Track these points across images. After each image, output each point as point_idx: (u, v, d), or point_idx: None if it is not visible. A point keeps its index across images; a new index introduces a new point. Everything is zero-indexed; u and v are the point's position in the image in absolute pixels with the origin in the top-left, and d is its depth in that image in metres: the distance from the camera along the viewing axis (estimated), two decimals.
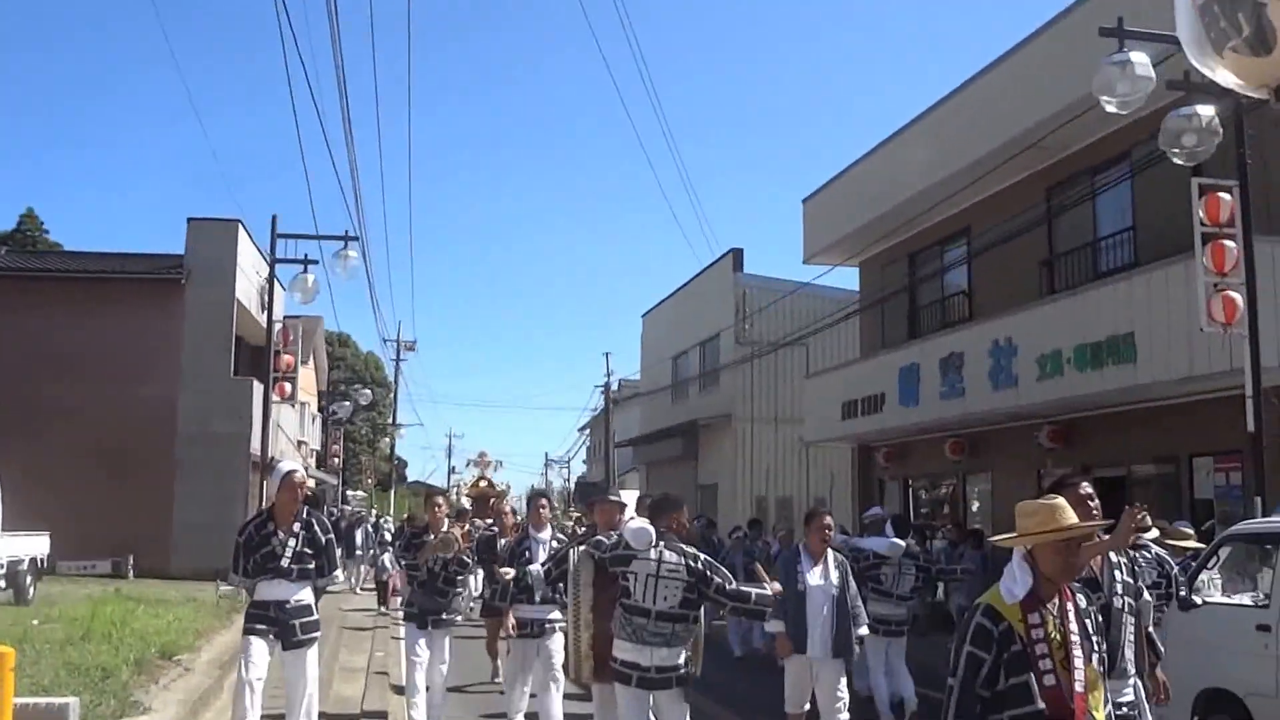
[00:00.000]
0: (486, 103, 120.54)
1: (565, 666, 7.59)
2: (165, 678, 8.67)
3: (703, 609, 5.74)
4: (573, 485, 55.07)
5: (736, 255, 27.52)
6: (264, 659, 6.42)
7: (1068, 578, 3.43)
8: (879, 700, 8.77)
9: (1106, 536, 4.98)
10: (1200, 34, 3.02)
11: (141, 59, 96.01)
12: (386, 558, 17.30)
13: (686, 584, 5.45)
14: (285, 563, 6.48)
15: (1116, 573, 4.92)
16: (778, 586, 6.03)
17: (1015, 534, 3.45)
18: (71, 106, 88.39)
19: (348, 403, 32.95)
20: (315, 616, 6.67)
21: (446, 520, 8.45)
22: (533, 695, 7.69)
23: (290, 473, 6.74)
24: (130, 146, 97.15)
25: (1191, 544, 7.98)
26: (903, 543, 9.30)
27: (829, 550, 7.31)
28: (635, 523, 5.69)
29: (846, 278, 22.09)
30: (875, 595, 8.77)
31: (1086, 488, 4.68)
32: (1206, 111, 9.14)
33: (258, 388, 21.17)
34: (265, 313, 18.99)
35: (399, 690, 9.49)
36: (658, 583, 5.42)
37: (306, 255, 15.91)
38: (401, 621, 8.93)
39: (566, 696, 8.65)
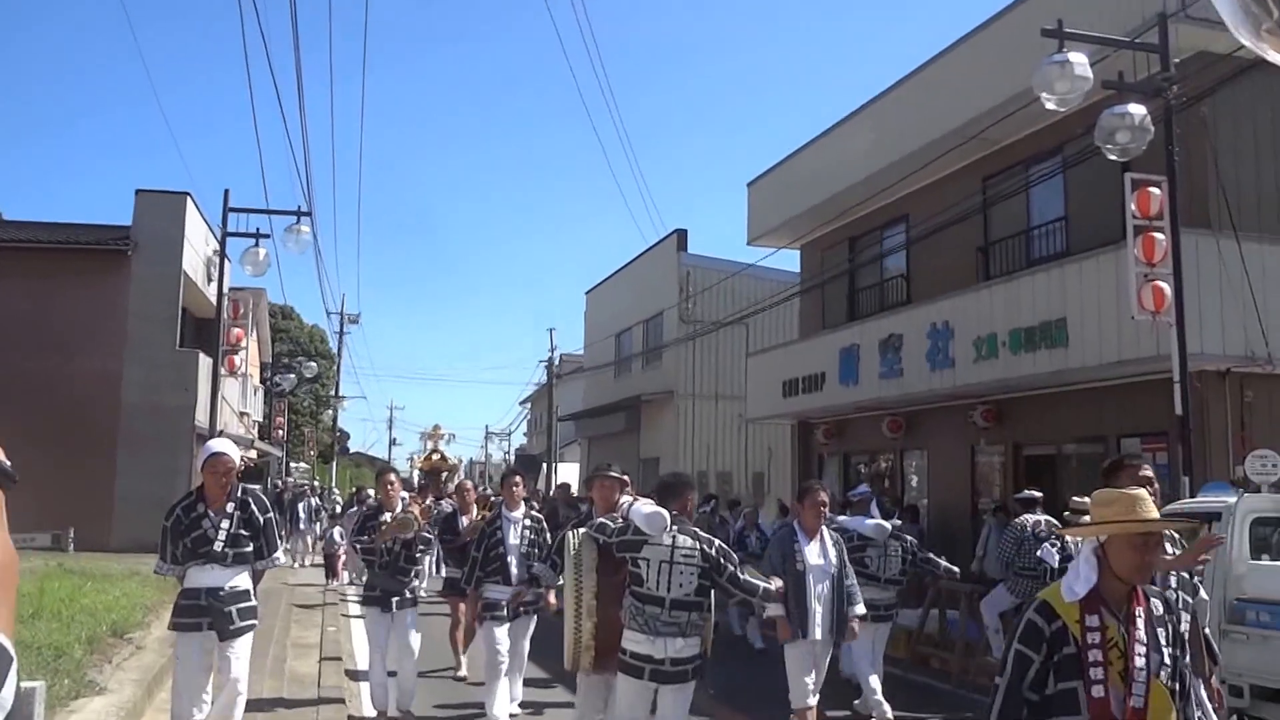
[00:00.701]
0: (432, 81, 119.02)
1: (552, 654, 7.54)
2: (118, 656, 8.56)
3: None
4: (512, 458, 55.16)
5: (681, 236, 27.79)
6: (200, 659, 5.97)
7: (1141, 578, 3.07)
8: (868, 689, 8.25)
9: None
10: (1239, 15, 3.18)
11: (99, 34, 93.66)
12: (337, 531, 17.27)
13: (701, 570, 5.11)
14: (219, 546, 5.93)
15: None
16: (779, 582, 5.75)
17: (1091, 523, 3.14)
18: (26, 81, 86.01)
19: (292, 375, 32.69)
20: (253, 603, 6.13)
21: (401, 498, 7.95)
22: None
23: (216, 455, 6.07)
24: (84, 121, 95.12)
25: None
26: (889, 524, 8.91)
27: (823, 527, 6.91)
28: (647, 507, 5.27)
29: (788, 260, 22.47)
30: (861, 579, 8.01)
31: (1147, 471, 4.29)
32: (1139, 110, 9.53)
33: (204, 360, 20.97)
34: (212, 285, 18.74)
35: (353, 675, 9.32)
36: (671, 569, 5.06)
37: (259, 230, 15.83)
38: (361, 605, 8.40)
39: (536, 684, 8.63)
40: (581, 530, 5.61)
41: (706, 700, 5.55)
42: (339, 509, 22.26)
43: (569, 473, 34.90)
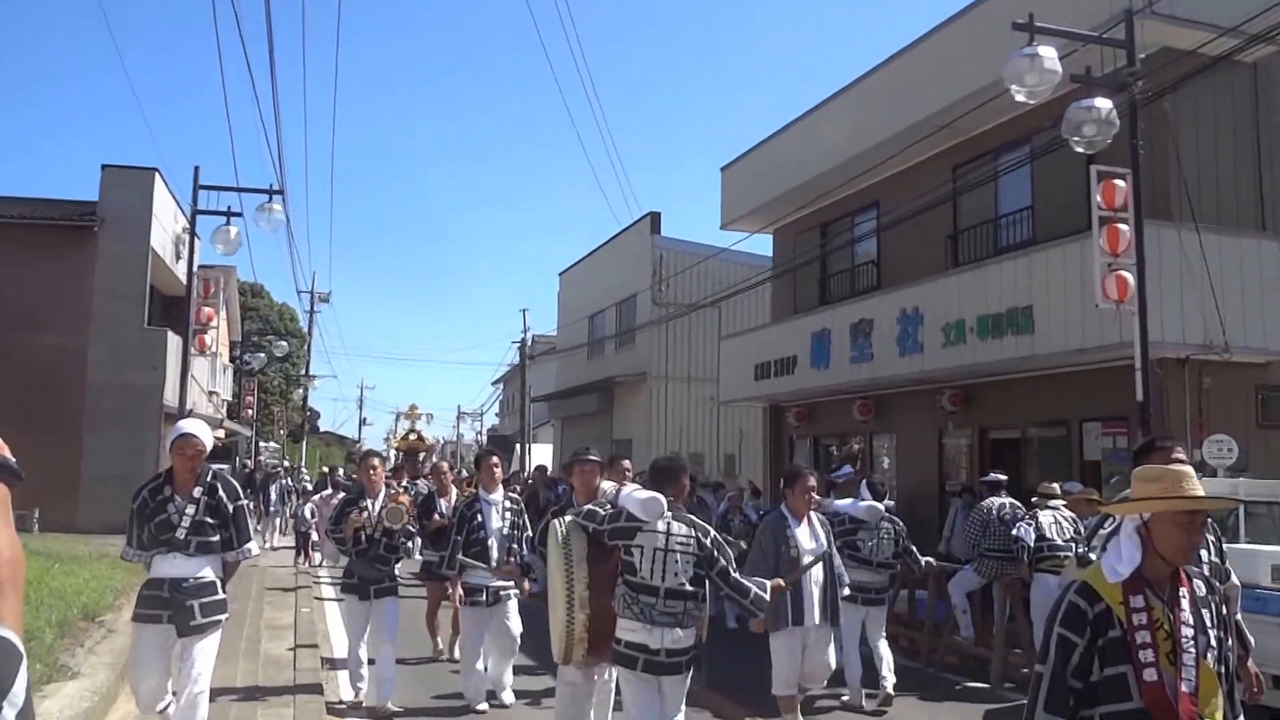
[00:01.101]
0: (406, 55, 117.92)
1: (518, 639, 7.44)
2: (90, 640, 8.47)
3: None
4: (485, 438, 55.15)
5: (654, 218, 27.75)
6: (156, 651, 5.63)
7: (1184, 558, 2.92)
8: (851, 677, 8.18)
9: None
10: None
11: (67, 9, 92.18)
12: (308, 509, 17.24)
13: (697, 559, 4.88)
14: (181, 534, 5.58)
15: (1203, 553, 4.63)
16: (780, 583, 5.55)
17: (1135, 499, 2.96)
18: None
19: (262, 354, 32.43)
20: (220, 596, 5.72)
21: (384, 485, 7.71)
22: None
23: (185, 436, 5.68)
24: (47, 91, 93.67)
25: (1100, 501, 8.58)
26: (881, 505, 8.71)
27: (810, 511, 6.85)
28: (642, 492, 5.05)
29: (761, 244, 22.62)
30: (852, 562, 8.06)
31: (1179, 453, 4.16)
32: (1105, 104, 9.67)
33: (173, 339, 20.76)
34: (181, 262, 18.49)
35: (330, 664, 9.24)
36: (666, 557, 4.83)
37: (230, 208, 15.62)
38: (340, 591, 8.16)
39: (530, 672, 8.57)
40: (567, 518, 5.29)
41: (695, 687, 5.34)
42: (308, 488, 22.24)
43: (542, 454, 34.98)
